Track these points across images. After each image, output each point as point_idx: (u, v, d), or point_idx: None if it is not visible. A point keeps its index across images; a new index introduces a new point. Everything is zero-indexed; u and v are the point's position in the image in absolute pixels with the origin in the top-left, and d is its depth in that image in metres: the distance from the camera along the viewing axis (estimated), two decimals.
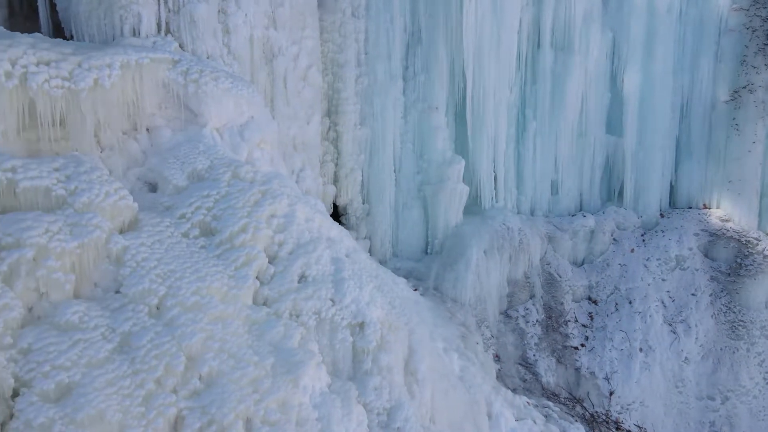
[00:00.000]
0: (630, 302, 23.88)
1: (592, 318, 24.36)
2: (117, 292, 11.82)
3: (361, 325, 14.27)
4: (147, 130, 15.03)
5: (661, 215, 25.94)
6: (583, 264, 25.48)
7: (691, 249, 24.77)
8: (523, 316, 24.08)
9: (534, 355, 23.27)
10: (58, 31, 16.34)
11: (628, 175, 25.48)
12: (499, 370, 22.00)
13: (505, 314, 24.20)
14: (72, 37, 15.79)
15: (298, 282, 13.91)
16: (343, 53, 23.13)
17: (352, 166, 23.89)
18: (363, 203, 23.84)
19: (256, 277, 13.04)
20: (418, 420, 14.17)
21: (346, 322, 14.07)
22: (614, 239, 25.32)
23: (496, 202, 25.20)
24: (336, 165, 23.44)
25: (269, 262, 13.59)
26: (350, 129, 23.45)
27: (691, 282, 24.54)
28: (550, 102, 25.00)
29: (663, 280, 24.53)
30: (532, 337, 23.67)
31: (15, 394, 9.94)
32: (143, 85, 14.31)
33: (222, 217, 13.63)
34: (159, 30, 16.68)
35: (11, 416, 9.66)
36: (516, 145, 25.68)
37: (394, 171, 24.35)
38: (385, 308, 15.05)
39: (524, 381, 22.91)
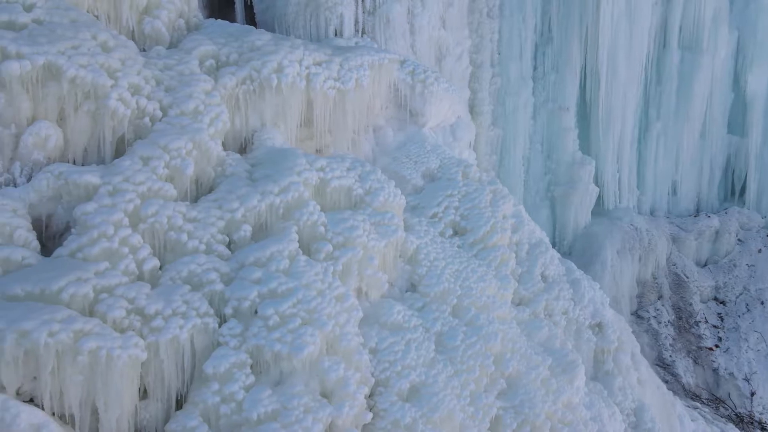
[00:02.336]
0: (762, 303, 24.32)
1: (722, 319, 24.79)
2: (412, 291, 11.99)
3: (600, 326, 14.55)
4: (373, 130, 15.21)
5: None
6: (706, 264, 25.90)
7: None
8: (655, 317, 24.44)
9: (670, 356, 23.65)
10: None
11: (752, 176, 25.93)
12: None
13: (636, 315, 24.55)
14: None
15: (542, 282, 14.17)
16: (480, 54, 23.36)
17: (485, 167, 24.12)
18: None
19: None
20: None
21: (588, 323, 14.35)
22: (739, 239, 25.77)
23: (620, 202, 25.53)
24: None
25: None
26: (485, 130, 23.67)
27: None
28: (676, 102, 25.37)
29: None
30: (666, 338, 24.03)
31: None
32: (380, 85, 14.50)
33: (469, 216, 13.83)
34: (356, 31, 16.88)
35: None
36: (638, 145, 26.04)
37: (523, 172, 24.60)
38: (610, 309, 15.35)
39: (666, 382, 23.26)
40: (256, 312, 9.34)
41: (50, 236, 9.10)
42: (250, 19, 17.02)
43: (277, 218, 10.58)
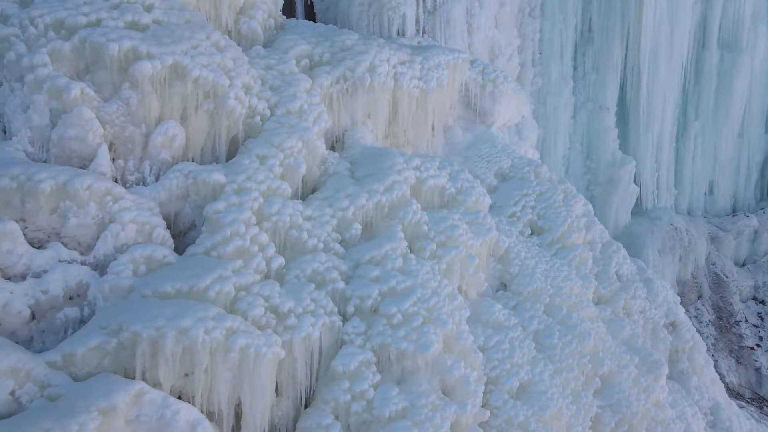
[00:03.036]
0: None
1: (762, 318, 25.00)
2: (503, 289, 12.12)
3: (674, 325, 14.70)
4: (442, 129, 15.32)
5: None
6: (744, 264, 26.12)
7: None
8: (695, 317, 24.62)
9: (713, 356, 23.81)
10: None
11: None
12: None
13: None
14: None
15: (617, 281, 14.31)
16: (522, 53, 23.48)
17: None
18: None
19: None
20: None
21: (663, 322, 14.50)
22: None
23: (658, 202, 25.70)
24: None
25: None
26: None
27: None
28: (714, 102, 25.56)
29: None
30: (707, 337, 24.21)
31: None
32: (454, 84, 14.63)
33: (546, 216, 13.95)
34: (416, 30, 17.01)
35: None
36: (675, 144, 26.21)
37: (563, 172, 24.73)
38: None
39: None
40: (375, 310, 9.43)
41: (176, 234, 9.19)
42: (310, 19, 17.12)
43: (382, 217, 10.70)
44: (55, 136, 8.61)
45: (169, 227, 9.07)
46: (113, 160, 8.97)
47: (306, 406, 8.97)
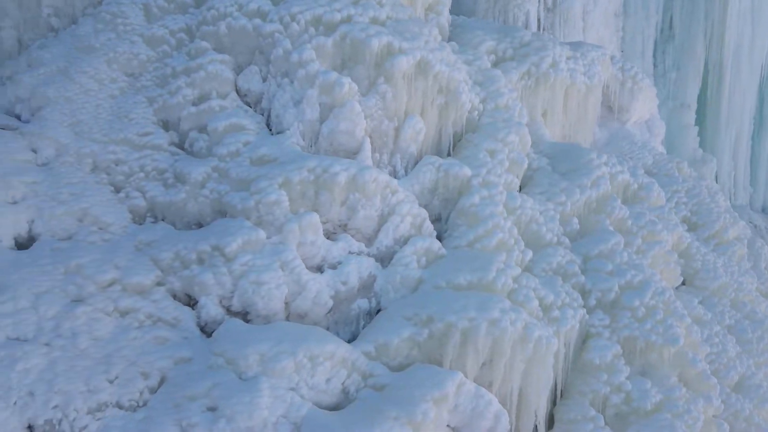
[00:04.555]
0: None
1: None
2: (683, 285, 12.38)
3: None
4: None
5: None
6: None
7: None
8: None
9: None
10: None
11: None
12: None
13: None
14: None
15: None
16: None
17: None
18: None
19: None
20: None
21: None
22: None
23: (735, 200, 26.05)
24: None
25: None
26: None
27: None
28: None
29: None
30: None
31: None
32: (602, 80, 14.85)
33: (699, 212, 14.17)
34: (537, 27, 17.26)
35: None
36: (751, 142, 26.59)
37: None
38: None
39: None
40: (616, 303, 9.64)
41: None
42: None
43: (590, 212, 10.91)
44: (326, 129, 8.76)
45: None
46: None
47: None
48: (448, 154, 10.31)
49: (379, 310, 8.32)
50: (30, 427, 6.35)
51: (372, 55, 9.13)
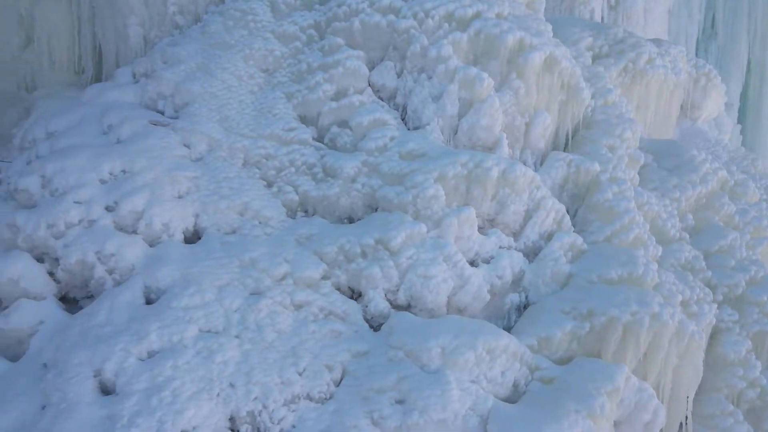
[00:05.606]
0: None
1: None
2: None
3: None
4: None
5: None
6: None
7: None
8: None
9: None
10: None
11: None
12: None
13: None
14: None
15: None
16: None
17: None
18: None
19: None
20: None
21: None
22: None
23: None
24: None
25: None
26: None
27: None
28: None
29: None
30: None
31: None
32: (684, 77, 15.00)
33: None
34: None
35: None
36: None
37: None
38: None
39: None
40: (741, 298, 9.77)
41: None
42: None
43: (700, 208, 11.04)
44: (466, 124, 8.85)
45: None
46: None
47: None
48: (565, 150, 10.44)
49: (526, 305, 8.42)
50: (231, 418, 6.41)
51: (506, 51, 9.23)
